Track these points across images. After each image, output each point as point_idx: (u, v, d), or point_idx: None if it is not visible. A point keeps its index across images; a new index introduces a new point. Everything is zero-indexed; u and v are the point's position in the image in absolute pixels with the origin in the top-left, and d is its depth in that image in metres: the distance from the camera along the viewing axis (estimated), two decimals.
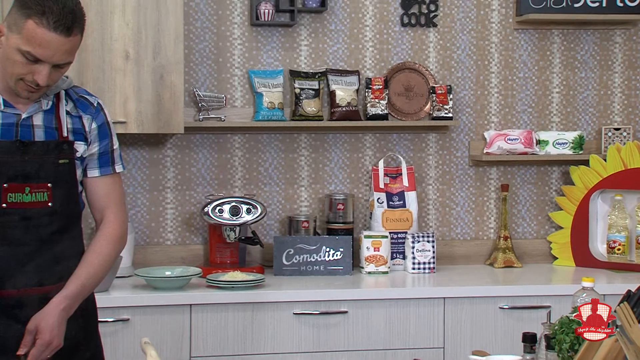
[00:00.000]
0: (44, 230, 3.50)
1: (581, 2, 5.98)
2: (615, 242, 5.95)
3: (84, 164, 3.61)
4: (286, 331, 5.10)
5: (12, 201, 3.43)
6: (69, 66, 3.42)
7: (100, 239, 3.61)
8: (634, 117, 6.30)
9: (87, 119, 3.60)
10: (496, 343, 5.10)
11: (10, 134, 3.44)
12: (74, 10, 3.31)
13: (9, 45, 3.32)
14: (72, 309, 3.44)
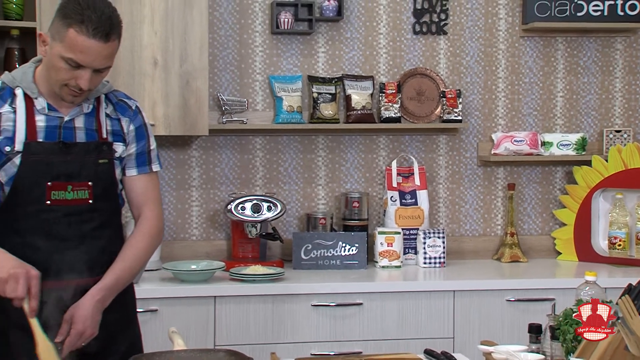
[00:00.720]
0: (86, 225, 3.52)
1: (584, 11, 5.98)
2: (616, 239, 5.95)
3: (123, 164, 3.62)
4: (304, 322, 5.11)
5: (55, 198, 3.45)
6: (108, 70, 3.44)
7: (136, 235, 3.63)
8: (634, 120, 6.30)
9: (126, 121, 3.63)
10: (503, 334, 5.09)
11: (54, 135, 3.47)
12: (111, 17, 3.33)
13: (52, 53, 3.34)
14: (108, 300, 3.45)
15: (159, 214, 3.72)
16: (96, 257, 3.52)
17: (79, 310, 3.36)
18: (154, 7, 5.18)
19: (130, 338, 3.74)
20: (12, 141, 3.43)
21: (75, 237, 3.49)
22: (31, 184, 3.44)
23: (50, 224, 3.46)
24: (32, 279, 3.15)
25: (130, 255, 3.56)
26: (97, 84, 3.44)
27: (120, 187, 3.66)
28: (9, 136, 3.43)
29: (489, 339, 3.99)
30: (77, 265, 3.49)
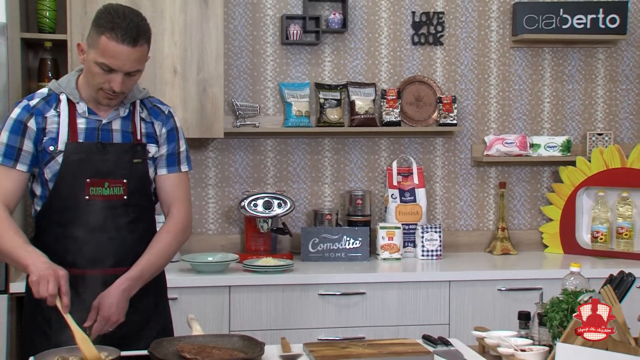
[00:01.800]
0: (120, 219, 3.55)
1: (568, 24, 5.98)
2: (598, 233, 5.95)
3: (155, 164, 3.65)
4: (312, 309, 5.11)
5: (93, 194, 3.49)
6: (139, 74, 3.48)
7: (162, 231, 3.64)
8: (614, 124, 6.29)
9: (158, 125, 3.66)
10: (495, 320, 5.09)
11: (93, 136, 3.51)
12: (139, 24, 3.37)
13: (89, 60, 3.41)
14: (133, 290, 3.45)
15: (187, 212, 3.72)
16: (129, 249, 3.55)
17: (105, 298, 3.37)
18: (174, 20, 5.19)
19: (161, 323, 3.76)
20: (55, 142, 3.48)
21: (110, 230, 3.52)
22: (72, 180, 3.49)
23: (88, 217, 3.50)
24: (60, 278, 3.16)
25: (156, 250, 3.57)
26: (129, 86, 3.48)
27: (153, 185, 3.69)
28: (53, 137, 3.48)
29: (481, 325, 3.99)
30: (111, 256, 3.54)
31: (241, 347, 3.29)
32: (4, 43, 4.70)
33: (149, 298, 3.65)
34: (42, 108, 3.51)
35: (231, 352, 3.22)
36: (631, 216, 5.89)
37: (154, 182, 3.69)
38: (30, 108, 3.51)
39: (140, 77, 3.51)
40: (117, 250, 3.54)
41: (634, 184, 5.86)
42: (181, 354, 3.16)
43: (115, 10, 3.38)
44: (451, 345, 3.55)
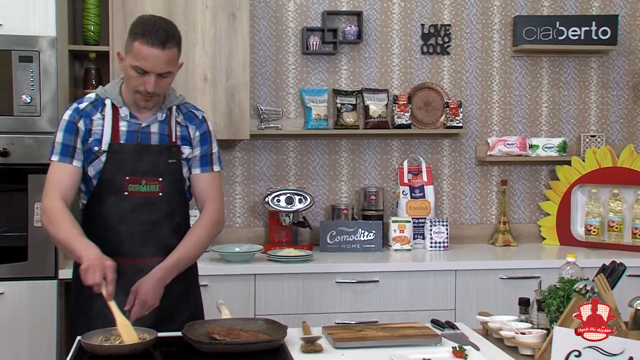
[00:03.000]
0: (156, 214, 3.58)
1: (564, 35, 5.96)
2: (592, 226, 5.94)
3: (189, 164, 3.67)
4: (330, 296, 5.11)
5: (132, 190, 3.53)
6: (171, 76, 3.51)
7: (197, 226, 3.66)
8: (606, 127, 6.27)
9: (192, 129, 3.68)
10: (497, 306, 5.07)
11: (133, 138, 3.56)
12: (167, 30, 3.42)
13: (125, 65, 3.46)
14: (168, 278, 3.47)
15: (219, 208, 3.74)
16: (163, 241, 3.57)
17: (143, 284, 3.39)
18: (204, 32, 5.20)
19: (192, 309, 3.78)
20: (99, 142, 3.53)
21: (147, 223, 3.56)
22: (113, 177, 3.53)
23: (127, 211, 3.54)
24: (107, 268, 3.18)
25: (189, 243, 3.59)
26: (162, 88, 3.51)
27: (188, 184, 3.70)
28: (98, 138, 3.54)
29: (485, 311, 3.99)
30: (146, 247, 3.56)
31: (266, 330, 3.30)
32: (53, 55, 4.73)
33: (180, 285, 3.66)
34: (89, 111, 3.57)
35: (256, 334, 3.23)
36: (621, 211, 5.88)
37: (189, 181, 3.70)
38: (79, 110, 3.56)
39: (172, 79, 3.54)
40: (152, 242, 3.57)
41: (624, 181, 5.85)
42: (211, 335, 3.18)
43: (146, 19, 3.46)
44: (457, 329, 3.55)
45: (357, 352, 3.15)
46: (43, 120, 4.73)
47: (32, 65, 4.71)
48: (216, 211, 3.72)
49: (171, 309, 3.60)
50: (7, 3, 4.70)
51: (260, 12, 5.84)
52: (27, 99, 4.70)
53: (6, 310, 4.73)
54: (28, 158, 4.70)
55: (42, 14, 4.73)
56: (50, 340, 4.78)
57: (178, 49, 3.49)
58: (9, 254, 4.75)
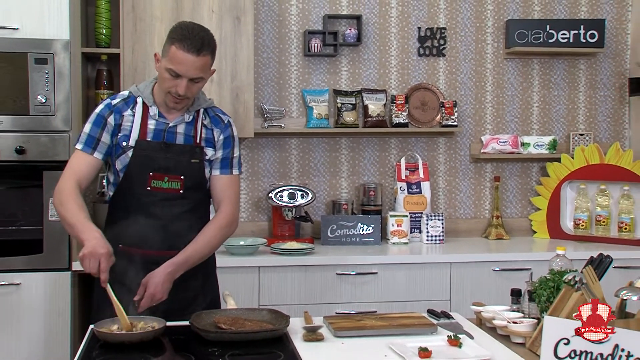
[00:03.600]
0: (176, 209, 3.61)
1: (554, 38, 5.97)
2: (580, 220, 5.94)
3: (211, 165, 3.69)
4: (330, 287, 5.11)
5: (154, 186, 3.57)
6: (203, 82, 3.53)
7: (210, 225, 3.66)
8: (594, 126, 6.27)
9: (217, 132, 3.69)
10: (490, 297, 5.06)
11: (159, 136, 3.58)
12: (203, 38, 3.44)
13: (161, 67, 3.48)
14: (177, 273, 3.48)
15: (234, 209, 3.73)
16: (181, 236, 3.59)
17: (152, 277, 3.41)
18: None
19: (208, 300, 3.80)
20: (128, 138, 3.57)
21: (167, 218, 3.58)
22: (138, 172, 3.56)
23: (149, 205, 3.57)
24: (101, 256, 3.19)
25: (201, 240, 3.60)
26: (193, 92, 3.53)
27: (209, 183, 3.72)
28: (127, 134, 3.57)
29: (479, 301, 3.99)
30: (165, 240, 3.59)
31: (269, 320, 3.31)
32: (67, 57, 4.74)
33: (197, 278, 3.70)
34: (121, 107, 3.60)
35: (261, 324, 3.24)
36: (608, 206, 5.89)
37: (209, 181, 3.72)
38: (111, 106, 3.60)
39: (203, 84, 3.57)
40: (170, 236, 3.59)
41: (610, 177, 5.86)
42: (217, 325, 3.19)
43: (185, 26, 3.48)
44: (452, 318, 3.56)
45: (356, 341, 3.17)
46: (57, 119, 4.74)
47: (47, 67, 4.72)
48: (231, 212, 3.71)
49: (188, 301, 3.63)
50: (24, 8, 4.71)
51: (264, 16, 5.85)
52: (42, 99, 4.72)
53: (23, 300, 4.75)
54: (43, 155, 4.72)
55: (57, 19, 4.74)
56: (65, 328, 4.80)
57: (212, 57, 3.51)
58: (25, 247, 4.77)
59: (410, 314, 3.53)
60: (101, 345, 3.06)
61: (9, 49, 4.69)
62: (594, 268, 3.12)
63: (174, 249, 3.54)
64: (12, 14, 4.72)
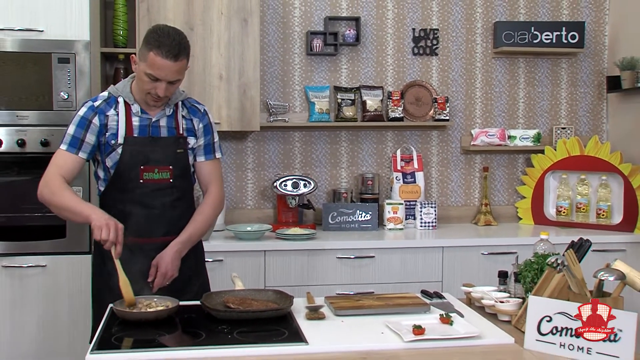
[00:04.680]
0: (167, 198, 3.60)
1: (538, 39, 5.97)
2: (562, 208, 5.95)
3: (194, 152, 3.69)
4: (331, 269, 5.12)
5: (146, 178, 3.55)
6: (179, 82, 3.51)
7: (203, 205, 3.69)
8: (575, 120, 6.28)
9: (196, 121, 3.69)
10: (479, 278, 5.08)
11: (145, 132, 3.56)
12: (180, 43, 3.40)
13: (139, 70, 3.45)
14: (183, 251, 3.53)
15: (221, 189, 3.76)
16: (174, 222, 3.60)
17: (162, 258, 3.46)
18: (220, 36, 5.20)
19: (201, 281, 3.82)
20: (116, 136, 3.53)
21: (160, 207, 3.58)
22: (129, 167, 3.54)
23: (142, 196, 3.56)
24: (119, 229, 3.21)
25: (199, 219, 3.63)
26: (171, 92, 3.52)
27: (192, 170, 3.72)
28: (114, 132, 3.53)
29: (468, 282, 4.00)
30: (160, 227, 3.59)
31: (274, 300, 3.32)
32: (87, 56, 4.76)
33: (191, 262, 3.71)
34: (104, 108, 3.56)
35: (266, 303, 3.25)
36: (588, 194, 5.90)
37: (193, 167, 3.72)
38: (94, 108, 3.55)
39: (180, 84, 3.55)
40: (164, 223, 3.60)
41: (590, 168, 5.86)
42: (226, 304, 3.19)
43: (161, 30, 3.42)
44: (444, 298, 3.56)
45: (355, 319, 3.17)
46: None
47: (69, 65, 4.73)
48: (219, 193, 3.75)
49: (184, 282, 3.64)
50: (48, 12, 4.74)
51: (269, 18, 5.85)
52: (65, 96, 4.73)
53: (48, 280, 4.80)
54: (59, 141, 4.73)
55: (78, 21, 4.76)
56: (87, 306, 4.79)
57: (187, 59, 3.48)
58: (50, 232, 4.79)
59: (405, 294, 3.53)
60: (119, 323, 3.08)
61: (35, 50, 4.71)
62: (575, 251, 3.12)
63: (170, 235, 3.56)
64: (38, 18, 4.75)
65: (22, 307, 4.78)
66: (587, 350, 2.72)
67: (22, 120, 4.73)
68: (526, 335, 2.86)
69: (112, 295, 3.32)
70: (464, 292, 3.61)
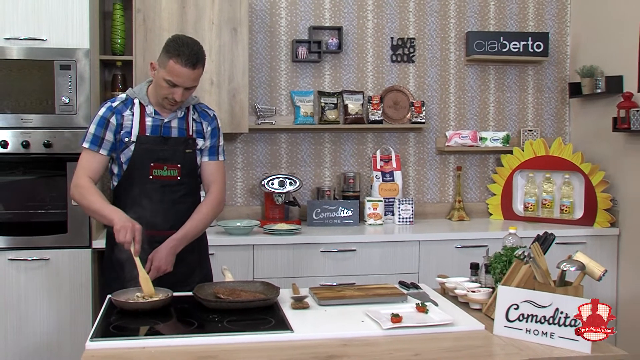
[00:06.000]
0: (175, 194, 3.62)
1: (507, 48, 5.99)
2: (529, 204, 5.97)
3: (201, 154, 3.70)
4: (315, 262, 5.12)
5: (155, 175, 3.58)
6: (195, 88, 3.54)
7: (203, 204, 3.69)
8: (540, 123, 6.30)
9: (206, 124, 3.71)
10: (453, 270, 5.06)
11: (157, 131, 3.59)
12: (198, 52, 3.44)
13: (158, 76, 3.48)
14: (179, 247, 3.52)
15: (222, 190, 3.75)
16: (180, 217, 3.60)
17: (157, 253, 3.46)
18: (211, 44, 5.20)
19: (203, 273, 3.82)
20: (130, 134, 3.57)
21: (167, 202, 3.60)
22: (140, 164, 3.57)
23: (151, 192, 3.58)
24: (136, 230, 3.23)
25: (196, 218, 3.62)
26: (187, 97, 3.55)
27: (199, 170, 3.73)
28: (128, 131, 3.57)
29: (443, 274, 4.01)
30: (167, 221, 3.59)
31: (262, 290, 3.32)
32: (87, 63, 4.74)
33: (194, 255, 3.72)
34: (120, 108, 3.59)
35: (254, 294, 3.26)
36: (552, 191, 5.93)
37: (200, 167, 3.73)
38: (112, 108, 3.59)
39: (195, 90, 3.58)
40: (170, 218, 3.60)
41: (554, 167, 5.89)
42: (217, 295, 3.20)
43: (181, 40, 3.44)
44: (420, 289, 3.57)
45: (337, 308, 3.18)
46: (79, 117, 4.75)
47: (70, 72, 4.72)
48: (220, 194, 3.74)
49: (186, 274, 3.64)
50: (51, 23, 4.73)
51: (257, 27, 5.84)
52: (66, 100, 4.72)
53: (51, 273, 4.78)
54: (67, 149, 4.73)
55: (78, 31, 4.75)
56: (87, 298, 4.81)
57: (203, 68, 3.51)
58: (52, 227, 4.78)
59: (383, 285, 3.54)
60: (117, 312, 3.08)
61: (39, 57, 4.70)
62: (540, 244, 3.14)
63: (175, 229, 3.56)
64: (41, 28, 4.73)
65: (27, 297, 4.78)
66: (550, 335, 2.75)
67: (27, 123, 4.72)
68: (495, 322, 2.88)
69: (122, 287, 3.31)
70: (439, 282, 3.62)
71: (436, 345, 2.74)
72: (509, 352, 2.67)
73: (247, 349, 2.68)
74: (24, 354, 4.78)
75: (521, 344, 2.76)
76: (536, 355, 2.65)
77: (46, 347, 4.80)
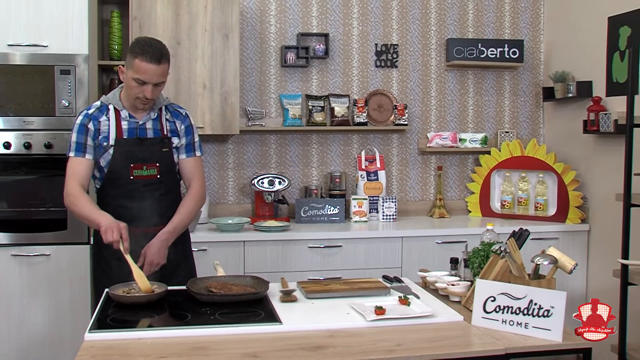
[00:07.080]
0: (155, 193, 3.60)
1: (485, 54, 6.00)
2: (505, 202, 5.98)
3: (178, 151, 3.69)
4: (303, 258, 5.12)
5: (136, 175, 3.56)
6: (163, 85, 3.53)
7: (186, 198, 3.69)
8: (516, 125, 6.32)
9: (179, 123, 3.70)
10: (434, 264, 5.09)
11: (133, 133, 3.58)
12: (161, 49, 3.44)
13: (127, 77, 3.48)
14: (170, 241, 3.52)
15: (202, 184, 3.75)
16: (162, 213, 3.60)
17: (150, 247, 3.45)
18: (204, 49, 5.19)
19: (187, 268, 3.81)
20: (107, 139, 3.55)
21: (149, 200, 3.58)
22: (121, 165, 3.55)
23: (133, 191, 3.57)
24: (122, 228, 3.22)
25: (183, 212, 3.62)
26: (157, 94, 3.53)
27: (177, 167, 3.72)
28: (106, 136, 3.55)
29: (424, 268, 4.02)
30: (150, 218, 3.58)
31: (252, 284, 3.32)
32: (86, 68, 4.73)
33: (178, 250, 3.71)
34: (97, 115, 3.58)
35: (245, 288, 3.26)
36: (527, 190, 5.94)
37: (178, 165, 3.72)
38: (89, 115, 3.58)
39: (164, 87, 3.57)
40: (153, 214, 3.59)
41: (529, 167, 5.91)
42: (209, 289, 3.20)
43: (144, 41, 3.45)
44: (402, 282, 3.58)
45: (324, 301, 3.18)
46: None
47: (69, 77, 4.71)
48: (201, 188, 3.74)
49: (172, 268, 3.63)
50: (52, 30, 4.71)
51: (248, 34, 5.84)
52: (66, 103, 4.71)
53: (52, 268, 4.77)
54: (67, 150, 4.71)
55: (78, 37, 4.73)
56: (86, 291, 4.80)
57: (168, 64, 3.50)
58: (53, 224, 4.77)
59: (368, 279, 3.55)
60: (114, 305, 3.08)
61: (40, 63, 4.69)
62: (516, 240, 3.15)
63: (159, 224, 3.55)
64: (42, 34, 4.72)
65: (29, 292, 4.76)
66: (524, 325, 2.76)
67: (29, 125, 4.71)
68: (473, 314, 2.89)
69: (111, 283, 3.31)
70: (420, 276, 3.63)
71: (417, 335, 2.75)
72: (486, 342, 2.69)
73: (238, 340, 2.68)
74: (26, 344, 4.77)
75: (497, 334, 2.78)
76: (511, 345, 2.66)
77: (47, 338, 4.79)
